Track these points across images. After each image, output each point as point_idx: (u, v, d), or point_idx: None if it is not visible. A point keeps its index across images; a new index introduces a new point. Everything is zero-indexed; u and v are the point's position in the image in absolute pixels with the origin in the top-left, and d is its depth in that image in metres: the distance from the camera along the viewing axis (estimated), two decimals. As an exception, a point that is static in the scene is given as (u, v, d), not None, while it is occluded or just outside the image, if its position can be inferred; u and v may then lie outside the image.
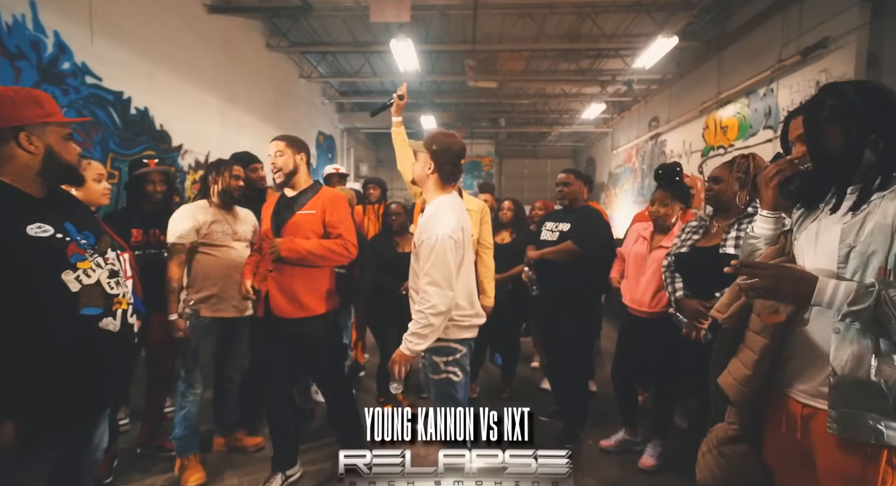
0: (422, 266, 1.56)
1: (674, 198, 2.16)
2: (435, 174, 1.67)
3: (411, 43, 5.50)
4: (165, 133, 4.49)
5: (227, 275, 2.13)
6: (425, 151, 1.67)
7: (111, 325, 1.10)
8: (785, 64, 4.86)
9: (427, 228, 1.58)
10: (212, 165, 2.21)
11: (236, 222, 2.22)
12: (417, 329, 1.54)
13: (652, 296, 2.12)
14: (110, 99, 3.73)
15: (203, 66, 5.18)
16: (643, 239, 2.24)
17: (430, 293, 1.53)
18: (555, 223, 2.51)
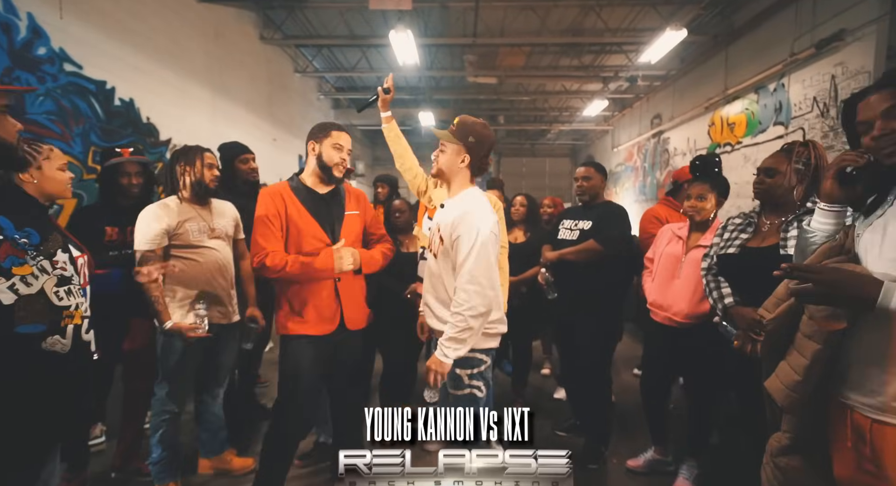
0: (460, 263, 1.44)
1: (714, 191, 1.94)
2: (468, 168, 1.57)
3: (411, 34, 5.30)
4: (153, 126, 4.26)
5: (208, 279, 1.90)
6: (457, 142, 1.56)
7: (58, 345, 0.89)
8: (798, 57, 4.70)
9: (466, 222, 1.47)
10: (179, 154, 1.93)
11: (213, 217, 1.97)
12: (455, 333, 1.43)
13: (688, 302, 1.90)
14: (91, 88, 3.50)
15: (194, 58, 4.95)
16: (678, 239, 2.02)
17: (471, 293, 1.42)
18: (574, 221, 2.31)
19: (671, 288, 1.97)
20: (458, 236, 1.47)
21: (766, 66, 5.30)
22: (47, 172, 1.36)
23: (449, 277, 1.54)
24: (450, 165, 1.58)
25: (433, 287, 1.60)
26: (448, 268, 1.53)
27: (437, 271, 1.57)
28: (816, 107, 4.58)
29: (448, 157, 1.57)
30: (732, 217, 1.76)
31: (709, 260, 1.75)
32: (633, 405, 2.90)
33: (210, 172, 1.95)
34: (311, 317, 1.71)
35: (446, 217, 1.56)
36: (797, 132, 4.88)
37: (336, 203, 1.80)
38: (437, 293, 1.58)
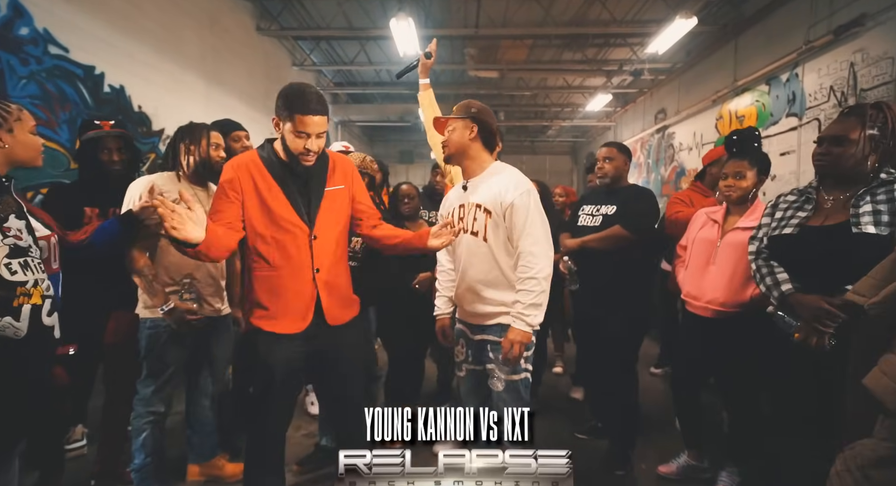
0: (520, 228, 1.45)
1: (752, 168, 1.78)
2: (478, 139, 1.56)
3: (412, 22, 5.13)
4: (145, 115, 4.07)
5: (197, 263, 1.71)
6: (461, 117, 1.57)
7: (10, 329, 0.72)
8: (814, 45, 4.55)
9: (515, 186, 1.47)
10: (184, 131, 1.79)
11: (209, 200, 1.77)
12: (533, 299, 1.42)
13: (725, 289, 1.73)
14: (79, 73, 3.31)
15: (188, 46, 4.77)
16: (713, 223, 1.85)
17: (538, 254, 1.43)
18: (595, 206, 2.14)
19: (706, 275, 1.80)
20: (511, 203, 1.45)
21: (778, 55, 5.16)
22: (19, 136, 1.19)
23: (503, 252, 1.49)
24: (460, 139, 1.55)
25: (481, 271, 1.52)
26: (501, 242, 1.49)
27: (485, 251, 1.51)
28: (833, 96, 4.44)
29: (457, 133, 1.56)
30: (784, 194, 1.58)
31: (758, 243, 1.56)
32: (654, 404, 2.74)
33: (216, 152, 1.81)
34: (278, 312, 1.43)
35: (483, 192, 1.52)
36: (812, 123, 4.73)
37: (315, 177, 1.48)
38: (487, 276, 1.51)
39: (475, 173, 1.57)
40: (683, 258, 1.95)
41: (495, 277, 1.50)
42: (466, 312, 1.61)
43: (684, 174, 7.71)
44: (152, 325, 1.66)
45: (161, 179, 1.73)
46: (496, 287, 1.50)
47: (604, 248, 2.01)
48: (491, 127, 1.58)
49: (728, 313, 1.75)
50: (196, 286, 1.70)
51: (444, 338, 1.71)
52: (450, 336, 1.69)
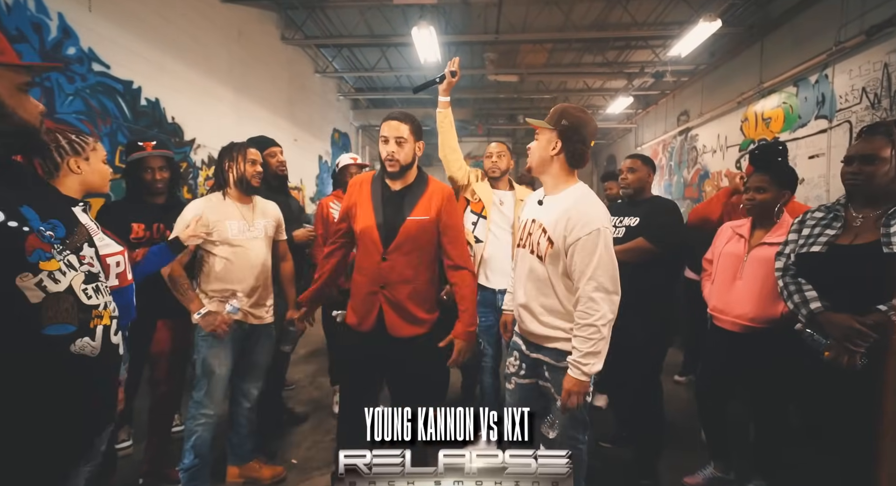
0: (582, 270, 1.34)
1: (775, 183, 1.75)
2: (562, 156, 1.44)
3: (434, 31, 5.20)
4: (178, 126, 4.24)
5: (243, 277, 1.85)
6: (549, 128, 1.45)
7: (88, 347, 0.79)
8: (845, 46, 4.44)
9: (584, 223, 1.34)
10: (224, 150, 1.92)
11: (254, 216, 1.93)
12: (591, 347, 1.32)
13: (754, 304, 1.72)
14: (119, 88, 3.49)
15: (217, 58, 4.94)
16: (738, 237, 1.85)
17: (599, 301, 1.32)
18: (618, 218, 2.15)
19: (733, 290, 1.79)
20: (576, 241, 1.34)
21: (807, 56, 5.04)
22: (94, 164, 1.33)
23: (560, 282, 1.41)
24: (541, 154, 1.46)
25: (538, 291, 1.46)
26: (559, 273, 1.41)
27: (543, 276, 1.44)
28: (866, 98, 4.32)
29: (539, 145, 1.46)
30: (811, 211, 1.58)
31: (784, 259, 1.56)
32: (679, 412, 2.73)
33: (252, 167, 1.91)
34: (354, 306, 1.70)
35: (551, 216, 1.42)
36: (843, 126, 4.61)
37: (407, 203, 1.66)
38: (544, 299, 1.45)
39: (551, 191, 1.48)
40: (710, 272, 1.95)
41: (552, 303, 1.43)
42: (523, 327, 1.55)
43: (707, 177, 7.58)
44: (206, 332, 1.76)
45: (210, 200, 1.87)
46: (552, 314, 1.42)
47: (627, 260, 2.01)
48: (580, 144, 1.44)
49: (757, 328, 1.74)
50: (236, 299, 1.79)
51: (504, 330, 1.73)
52: (510, 330, 1.69)
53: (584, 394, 1.35)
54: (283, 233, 2.08)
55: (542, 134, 1.46)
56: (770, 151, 1.89)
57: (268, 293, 1.96)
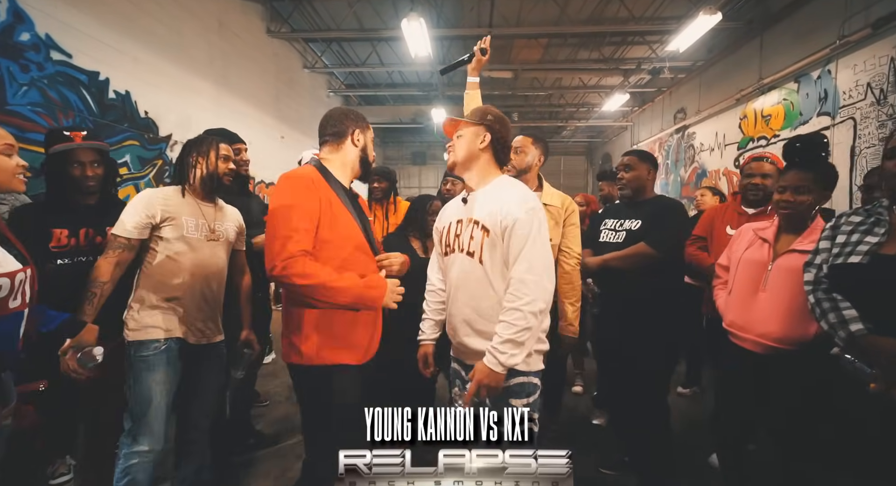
0: (517, 251, 1.24)
1: (819, 183, 1.50)
2: (489, 150, 1.40)
3: (424, 23, 4.99)
4: (151, 121, 4.01)
5: (191, 284, 1.58)
6: (476, 123, 1.40)
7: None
8: (849, 40, 4.28)
9: (519, 203, 1.27)
10: (192, 143, 1.68)
11: (216, 218, 1.70)
12: (512, 334, 1.19)
13: (781, 321, 1.48)
14: (83, 79, 3.25)
15: (195, 50, 4.70)
16: (761, 242, 1.60)
17: (530, 284, 1.20)
18: (618, 220, 1.95)
19: (755, 304, 1.54)
20: (513, 221, 1.24)
21: (808, 52, 4.88)
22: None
23: (499, 277, 1.28)
24: (469, 148, 1.39)
25: (472, 298, 1.32)
26: (497, 264, 1.28)
27: (479, 275, 1.31)
28: (871, 93, 4.16)
29: (466, 139, 1.40)
30: (846, 214, 1.36)
31: (815, 271, 1.34)
32: (682, 429, 2.53)
33: (225, 164, 1.69)
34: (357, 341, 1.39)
35: (484, 205, 1.32)
36: (847, 122, 4.46)
37: (358, 204, 1.51)
38: (480, 304, 1.31)
39: (478, 186, 1.40)
40: (724, 279, 1.72)
41: (490, 306, 1.29)
42: (459, 346, 1.40)
43: (705, 175, 7.43)
44: (139, 349, 1.52)
45: (164, 193, 1.61)
46: (491, 319, 1.27)
47: (627, 267, 1.82)
48: (506, 140, 1.42)
49: (784, 350, 1.49)
50: (91, 354, 1.40)
51: (424, 366, 1.51)
52: (431, 365, 1.52)
53: (493, 389, 1.21)
54: (242, 243, 1.86)
55: (466, 130, 1.41)
56: (814, 144, 1.55)
57: (220, 308, 1.72)
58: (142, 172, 3.89)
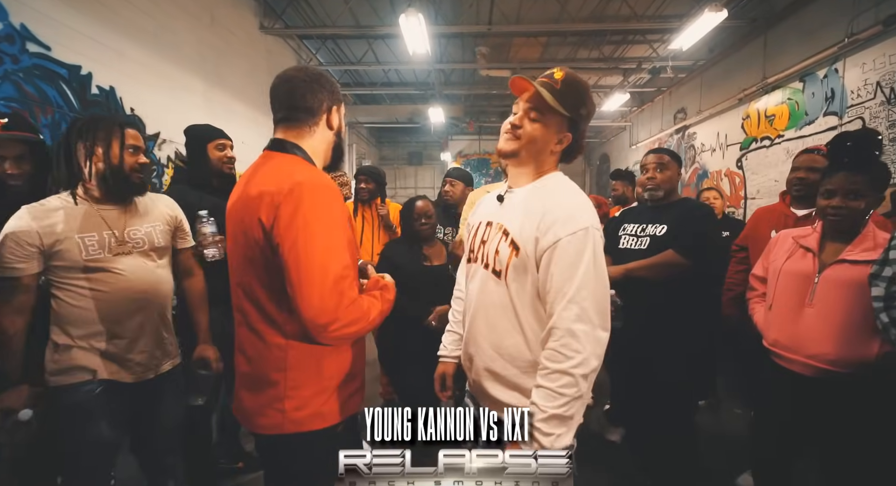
0: (559, 287, 0.92)
1: (874, 187, 1.35)
2: (560, 153, 1.08)
3: (422, 18, 4.84)
4: (138, 118, 3.83)
5: (115, 315, 1.29)
6: (562, 111, 1.02)
7: None
8: (858, 38, 4.18)
9: (567, 219, 0.94)
10: (81, 128, 1.29)
11: (128, 224, 1.36)
12: (559, 408, 0.88)
13: (835, 341, 1.32)
14: (63, 73, 3.07)
15: (186, 46, 4.53)
16: (803, 251, 1.44)
17: (581, 337, 0.90)
18: (640, 225, 1.80)
19: (802, 320, 1.38)
20: (554, 243, 0.94)
21: (814, 50, 4.79)
22: None
23: (529, 310, 0.98)
24: (540, 144, 1.04)
25: (492, 330, 1.03)
26: (526, 293, 0.98)
27: (502, 301, 1.01)
28: (881, 93, 4.07)
29: (542, 131, 1.04)
30: None
31: (884, 286, 1.19)
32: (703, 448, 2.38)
33: (133, 157, 1.34)
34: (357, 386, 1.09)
35: (517, 211, 1.03)
36: (855, 122, 4.36)
37: None
38: (499, 340, 1.01)
39: (521, 182, 1.09)
40: (760, 292, 1.57)
41: (514, 345, 1.00)
42: (474, 384, 1.12)
43: (706, 176, 7.34)
44: (65, 396, 1.23)
45: (44, 208, 1.24)
46: (515, 363, 0.99)
47: (654, 277, 1.67)
48: (583, 143, 1.11)
49: (839, 373, 1.33)
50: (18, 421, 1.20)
51: (441, 388, 1.25)
52: (450, 388, 1.29)
53: None
54: (186, 238, 1.55)
55: (546, 117, 1.04)
56: (867, 141, 1.40)
57: (168, 329, 1.45)
58: (127, 171, 3.70)
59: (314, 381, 1.00)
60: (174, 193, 1.87)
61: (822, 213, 1.43)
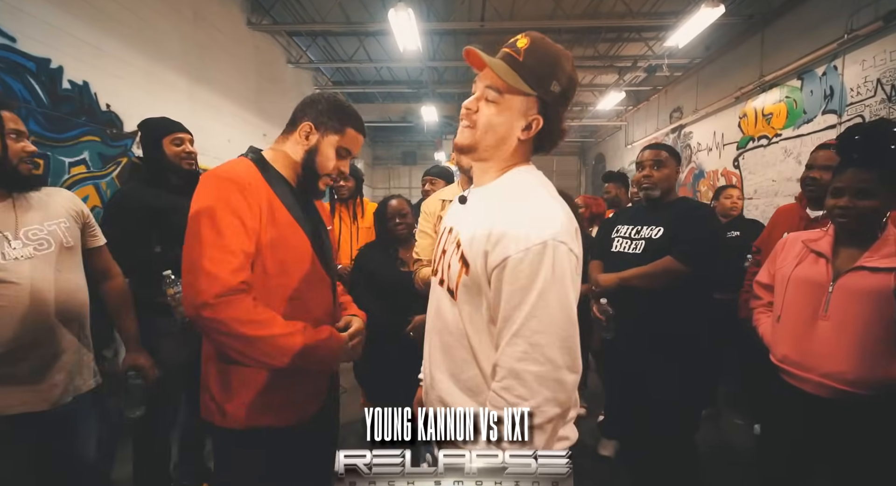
0: (507, 315, 0.76)
1: (884, 183, 1.21)
2: (531, 140, 0.88)
3: (412, 13, 4.71)
4: (114, 115, 3.67)
5: (12, 331, 1.09)
6: (527, 90, 0.82)
7: None
8: (858, 34, 4.09)
9: (517, 224, 0.76)
10: None
11: (19, 222, 1.17)
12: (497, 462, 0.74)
13: (854, 358, 1.17)
14: (30, 66, 2.92)
15: (167, 41, 4.37)
16: (815, 256, 1.31)
17: (528, 378, 0.74)
18: (633, 227, 1.68)
19: (815, 334, 1.24)
20: (502, 261, 0.76)
21: (813, 47, 4.70)
22: None
23: (483, 335, 0.82)
24: (503, 130, 0.84)
25: (448, 356, 0.87)
26: (480, 318, 0.82)
27: (454, 325, 0.85)
28: (882, 90, 3.97)
29: (500, 115, 0.84)
30: None
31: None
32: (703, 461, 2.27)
33: (18, 144, 1.17)
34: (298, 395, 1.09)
35: (472, 219, 0.85)
36: (854, 120, 4.27)
37: (313, 210, 1.18)
38: (457, 370, 0.86)
39: (485, 180, 0.90)
40: (765, 301, 1.44)
41: (473, 377, 0.85)
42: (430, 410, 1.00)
43: (703, 176, 7.25)
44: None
45: None
46: (469, 392, 0.85)
47: (651, 286, 1.53)
48: (561, 123, 0.90)
49: (860, 394, 1.19)
50: None
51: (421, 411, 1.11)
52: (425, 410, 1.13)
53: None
54: (97, 235, 1.38)
55: (506, 97, 0.83)
56: (880, 134, 1.23)
57: (86, 342, 1.28)
58: (103, 170, 3.56)
59: (219, 378, 1.03)
60: (129, 191, 1.73)
61: (830, 214, 1.30)
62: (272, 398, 1.03)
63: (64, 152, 3.18)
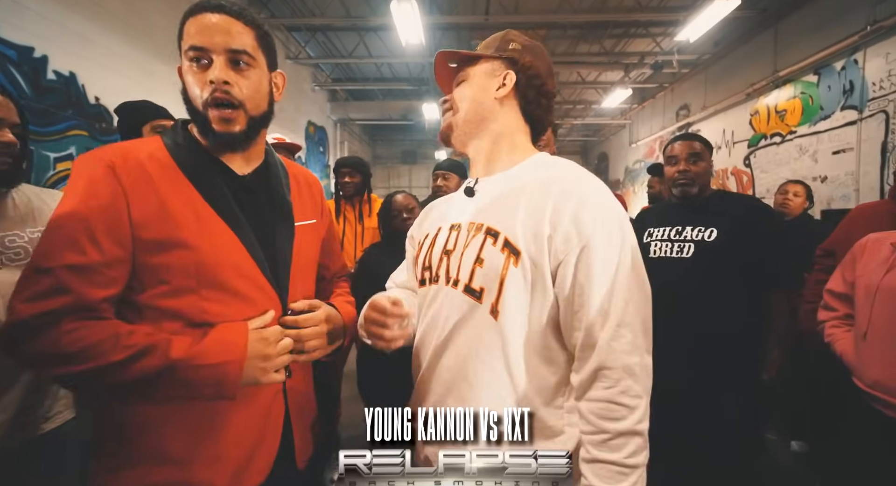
0: (600, 303, 0.67)
1: None
2: (514, 102, 0.83)
3: (415, 4, 4.53)
4: (103, 108, 3.49)
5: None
6: (491, 56, 0.84)
7: None
8: (883, 25, 3.93)
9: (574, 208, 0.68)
10: None
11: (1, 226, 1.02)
12: (622, 456, 0.66)
13: None
14: (10, 55, 2.74)
15: (159, 32, 4.19)
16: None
17: (639, 372, 0.68)
18: (671, 228, 1.48)
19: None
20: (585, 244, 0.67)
21: (831, 40, 4.54)
22: None
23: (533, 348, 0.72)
24: (478, 98, 0.81)
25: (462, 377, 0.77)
26: (534, 324, 0.71)
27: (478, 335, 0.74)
28: (907, 84, 3.81)
29: (473, 85, 0.83)
30: None
31: None
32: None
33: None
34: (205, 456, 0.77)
35: (507, 203, 0.75)
36: (877, 116, 4.11)
37: (270, 197, 0.87)
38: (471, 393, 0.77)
39: (497, 167, 0.82)
40: (840, 313, 1.24)
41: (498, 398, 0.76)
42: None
43: (712, 175, 7.10)
44: None
45: None
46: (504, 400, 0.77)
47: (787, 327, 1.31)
48: (543, 84, 0.83)
49: None
50: None
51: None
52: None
53: None
54: None
55: (472, 70, 0.84)
56: None
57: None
58: (91, 166, 3.37)
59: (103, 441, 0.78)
60: None
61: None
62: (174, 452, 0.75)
63: (49, 147, 3.00)
